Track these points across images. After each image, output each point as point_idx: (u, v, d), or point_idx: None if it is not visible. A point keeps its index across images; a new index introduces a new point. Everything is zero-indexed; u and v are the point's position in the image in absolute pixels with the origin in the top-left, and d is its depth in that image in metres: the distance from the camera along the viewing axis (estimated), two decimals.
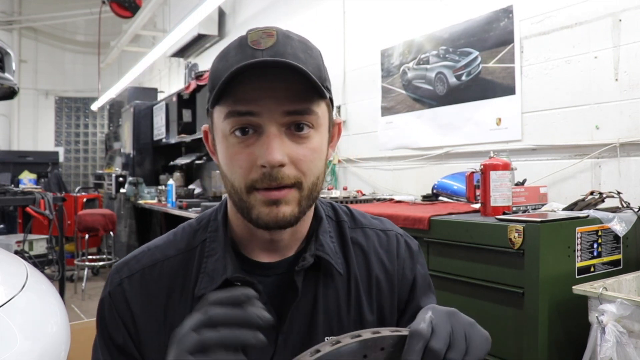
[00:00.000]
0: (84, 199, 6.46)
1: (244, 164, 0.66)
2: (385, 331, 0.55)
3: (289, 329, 0.72)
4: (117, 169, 6.55)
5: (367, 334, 0.54)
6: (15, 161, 7.60)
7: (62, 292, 3.39)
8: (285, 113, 0.65)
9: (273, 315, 0.70)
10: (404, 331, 0.56)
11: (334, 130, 0.77)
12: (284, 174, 0.65)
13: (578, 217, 1.59)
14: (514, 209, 1.80)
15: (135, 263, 0.75)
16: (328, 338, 0.57)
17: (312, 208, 0.77)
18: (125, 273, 0.74)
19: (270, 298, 0.72)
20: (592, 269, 1.58)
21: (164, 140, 5.56)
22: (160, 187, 5.00)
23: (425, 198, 2.51)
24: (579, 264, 1.55)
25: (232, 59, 0.66)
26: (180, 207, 4.03)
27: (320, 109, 0.69)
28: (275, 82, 0.64)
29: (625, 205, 1.75)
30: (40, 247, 3.99)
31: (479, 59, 2.51)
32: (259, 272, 0.73)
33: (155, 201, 5.01)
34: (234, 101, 0.65)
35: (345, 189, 3.08)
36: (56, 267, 3.53)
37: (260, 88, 0.64)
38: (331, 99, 0.73)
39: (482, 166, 1.78)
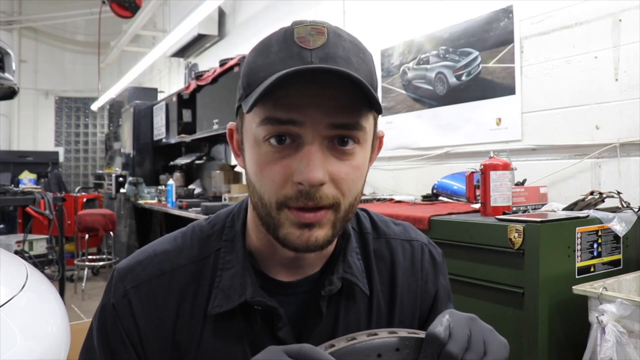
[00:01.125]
0: (84, 199, 6.46)
1: (277, 178, 0.58)
2: (402, 332, 0.54)
3: None
4: (117, 169, 6.55)
5: (383, 333, 0.53)
6: (15, 161, 7.60)
7: (62, 292, 3.39)
8: (332, 126, 0.57)
9: (291, 337, 0.66)
10: (421, 334, 0.54)
11: (376, 143, 0.70)
12: (323, 193, 0.57)
13: (578, 217, 1.59)
14: (514, 209, 1.80)
15: (142, 271, 0.67)
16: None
17: None
18: (130, 283, 0.66)
19: (290, 319, 0.66)
20: (592, 269, 1.58)
21: (164, 140, 5.56)
22: (160, 187, 5.00)
23: (425, 198, 2.51)
24: (579, 264, 1.55)
25: (275, 55, 0.58)
26: (180, 207, 4.03)
27: (368, 123, 0.61)
28: (323, 89, 0.56)
29: (625, 205, 1.75)
30: (40, 247, 3.99)
31: (479, 59, 2.51)
32: (278, 291, 0.67)
33: (155, 201, 5.02)
34: (274, 106, 0.57)
35: None
36: (56, 267, 3.53)
37: (306, 94, 0.56)
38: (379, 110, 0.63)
39: (482, 166, 1.78)
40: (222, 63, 3.88)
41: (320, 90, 0.56)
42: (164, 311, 0.65)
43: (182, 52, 6.06)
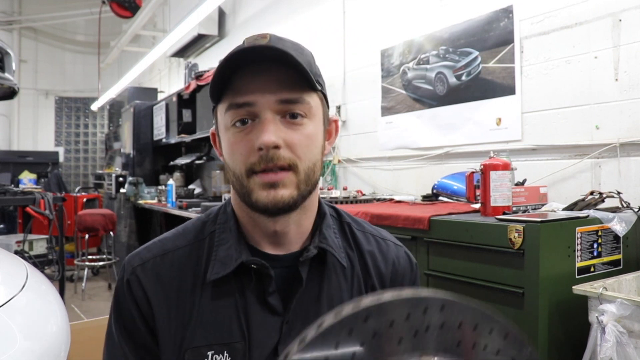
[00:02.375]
0: (84, 199, 6.46)
1: (243, 150, 0.71)
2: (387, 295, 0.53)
3: (294, 319, 0.75)
4: (117, 169, 6.55)
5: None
6: (15, 161, 7.61)
7: (62, 292, 3.39)
8: (279, 101, 0.71)
9: (279, 305, 0.75)
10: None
11: (331, 127, 0.82)
12: (279, 155, 0.70)
13: (578, 217, 1.59)
14: (514, 209, 1.80)
15: (147, 252, 0.78)
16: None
17: (316, 204, 0.82)
18: (137, 262, 0.77)
19: (277, 287, 0.75)
20: (592, 269, 1.58)
21: (164, 140, 5.56)
22: (160, 187, 5.00)
23: (425, 198, 2.51)
24: (579, 264, 1.55)
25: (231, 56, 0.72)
26: (180, 207, 4.03)
27: (313, 99, 0.74)
28: (269, 74, 0.71)
29: (625, 205, 1.75)
30: (40, 247, 3.98)
31: (479, 59, 2.51)
32: (267, 262, 0.75)
33: (155, 201, 5.01)
34: (233, 94, 0.71)
35: (345, 189, 3.08)
36: (56, 267, 3.53)
37: (256, 80, 0.71)
38: (325, 96, 0.78)
39: (482, 166, 1.78)
40: None
41: (267, 76, 0.71)
42: (167, 283, 0.75)
43: (182, 52, 6.06)
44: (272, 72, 0.71)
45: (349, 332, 0.46)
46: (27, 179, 7.15)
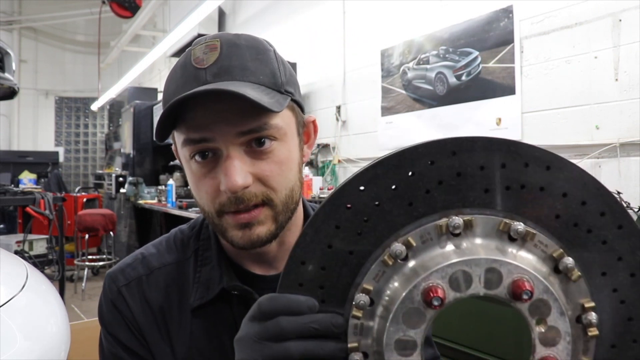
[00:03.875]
0: (84, 199, 6.46)
1: (209, 189, 0.64)
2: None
3: None
4: (117, 169, 6.55)
5: None
6: (15, 161, 7.60)
7: (62, 292, 3.40)
8: (240, 134, 0.61)
9: None
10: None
11: (308, 129, 0.73)
12: (251, 194, 0.62)
13: None
14: None
15: (131, 271, 0.73)
16: None
17: (300, 218, 0.75)
18: (122, 281, 0.73)
19: None
20: None
21: None
22: (160, 187, 5.00)
23: None
24: None
25: (178, 80, 0.64)
26: (180, 207, 4.03)
27: (280, 118, 0.64)
28: (225, 103, 0.60)
29: (625, 205, 1.75)
30: (40, 247, 3.99)
31: (479, 59, 2.51)
32: (254, 283, 0.71)
33: (155, 201, 5.02)
34: (187, 128, 0.62)
35: None
36: (56, 267, 3.53)
37: (210, 112, 0.61)
38: (296, 101, 0.68)
39: None
40: None
41: (222, 105, 0.60)
42: (153, 304, 0.71)
43: (182, 52, 5.97)
44: (227, 100, 0.60)
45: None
46: (27, 179, 7.15)
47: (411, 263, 0.46)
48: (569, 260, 0.45)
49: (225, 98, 0.59)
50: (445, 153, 0.47)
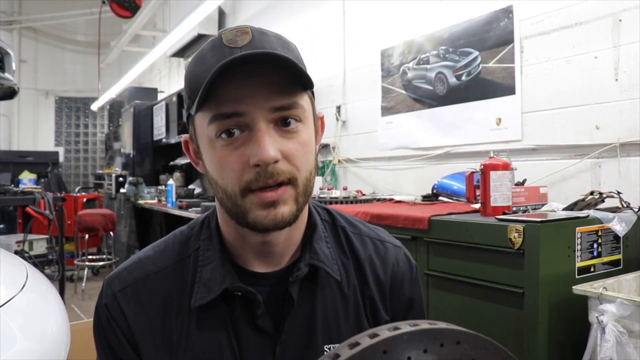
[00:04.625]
0: (84, 199, 6.46)
1: (235, 166, 0.63)
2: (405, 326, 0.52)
3: (287, 339, 0.70)
4: (117, 169, 6.55)
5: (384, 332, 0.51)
6: (15, 161, 7.60)
7: (62, 292, 3.40)
8: (272, 109, 0.63)
9: (270, 325, 0.70)
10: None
11: (318, 124, 0.75)
12: (279, 169, 0.63)
13: (578, 217, 1.59)
14: (514, 209, 1.80)
15: (127, 275, 0.72)
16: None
17: (306, 214, 0.75)
18: (117, 286, 0.71)
19: (268, 308, 0.70)
20: (592, 269, 1.58)
21: (164, 140, 5.56)
22: (160, 187, 5.00)
23: (425, 198, 2.51)
24: (579, 264, 1.55)
25: (210, 61, 0.63)
26: (180, 207, 4.03)
27: (305, 101, 0.67)
28: (258, 78, 0.62)
29: (625, 205, 1.75)
30: (40, 247, 3.98)
31: (479, 59, 2.51)
32: (255, 281, 0.71)
33: (155, 201, 5.01)
34: (218, 104, 0.62)
35: (345, 189, 3.07)
36: (56, 267, 3.53)
37: (243, 86, 0.62)
38: (313, 92, 0.71)
39: (482, 166, 1.78)
40: None
41: (255, 80, 0.62)
42: (151, 309, 0.70)
43: (182, 52, 6.06)
44: (261, 75, 0.62)
45: None
46: (27, 179, 7.14)
47: None
48: None
49: (259, 73, 0.62)
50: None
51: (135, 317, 0.69)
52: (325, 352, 0.71)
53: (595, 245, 1.59)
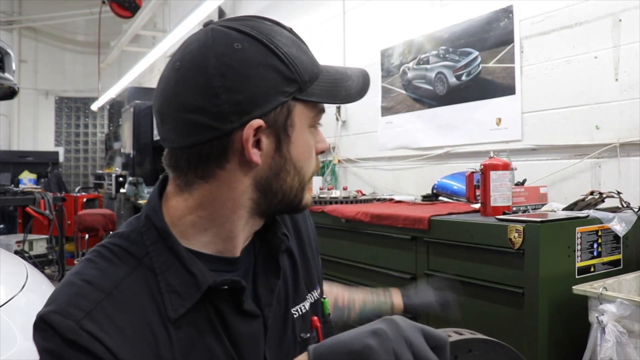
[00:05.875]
0: (84, 199, 6.46)
1: (314, 154, 0.72)
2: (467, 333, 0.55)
3: (272, 315, 0.71)
4: (117, 169, 6.55)
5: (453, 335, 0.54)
6: (15, 161, 7.60)
7: None
8: None
9: (254, 306, 0.69)
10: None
11: None
12: None
13: (578, 217, 1.59)
14: (514, 209, 1.80)
15: (84, 300, 0.59)
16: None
17: None
18: (79, 314, 0.57)
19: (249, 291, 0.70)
20: (592, 269, 1.58)
21: None
22: None
23: (425, 198, 2.51)
24: (579, 264, 1.55)
25: (309, 53, 0.70)
26: None
27: None
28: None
29: (625, 205, 1.75)
30: (40, 247, 3.98)
31: (479, 59, 2.51)
32: (225, 267, 0.68)
33: None
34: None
35: (345, 189, 3.07)
36: (56, 267, 3.53)
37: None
38: None
39: (482, 166, 1.78)
40: None
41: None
42: (129, 327, 0.60)
43: None
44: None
45: None
46: (27, 179, 7.14)
47: None
48: None
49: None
50: None
51: (116, 342, 0.58)
52: (294, 316, 0.75)
53: (595, 245, 1.59)
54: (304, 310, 0.78)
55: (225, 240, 0.68)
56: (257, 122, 0.63)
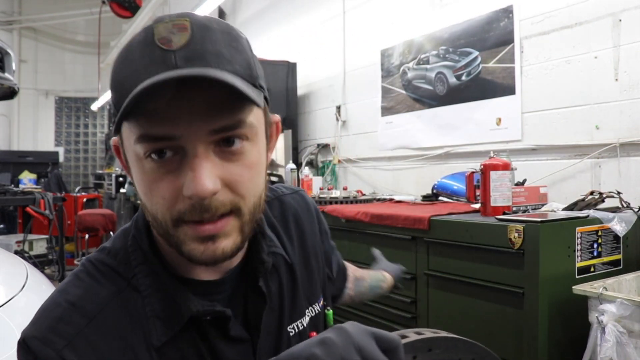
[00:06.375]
0: (84, 199, 6.46)
1: (166, 194, 0.54)
2: (428, 332, 0.55)
3: (263, 339, 0.67)
4: (117, 169, 6.55)
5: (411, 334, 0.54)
6: (15, 161, 7.59)
7: None
8: (212, 132, 0.52)
9: (243, 331, 0.65)
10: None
11: (272, 130, 0.65)
12: (219, 202, 0.54)
13: (578, 217, 1.59)
14: (514, 209, 1.80)
15: (65, 326, 0.56)
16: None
17: None
18: (60, 343, 0.55)
19: (235, 313, 0.64)
20: (592, 269, 1.58)
21: None
22: None
23: (425, 198, 2.51)
24: (579, 264, 1.55)
25: (138, 62, 0.52)
26: None
27: (254, 115, 0.57)
28: (195, 93, 0.51)
29: (625, 205, 1.75)
30: (40, 247, 3.98)
31: (479, 59, 2.51)
32: (213, 291, 0.64)
33: None
34: (147, 121, 0.52)
35: (345, 189, 3.07)
36: (56, 267, 3.53)
37: (177, 103, 0.51)
38: (266, 98, 0.60)
39: (482, 166, 1.78)
40: None
41: (192, 94, 0.51)
42: (109, 354, 0.57)
43: None
44: (199, 90, 0.51)
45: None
46: (27, 179, 7.14)
47: None
48: None
49: (198, 88, 0.51)
50: None
51: None
52: (290, 334, 0.71)
53: (595, 245, 1.59)
54: (301, 328, 0.73)
55: (188, 264, 0.63)
56: (114, 139, 0.63)
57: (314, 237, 0.81)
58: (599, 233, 1.61)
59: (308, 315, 0.75)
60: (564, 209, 1.79)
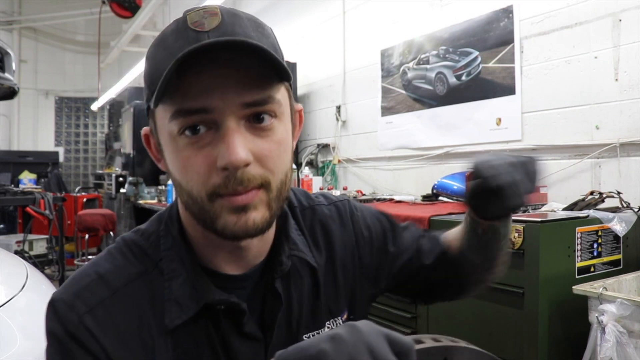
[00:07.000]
0: (84, 199, 6.46)
1: (201, 169, 0.57)
2: (446, 340, 0.53)
3: (277, 341, 0.67)
4: (117, 169, 6.55)
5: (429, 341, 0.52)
6: (15, 161, 7.59)
7: None
8: (244, 105, 0.56)
9: (257, 329, 0.66)
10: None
11: (296, 118, 0.67)
12: (250, 174, 0.56)
13: (578, 217, 1.59)
14: None
15: (90, 295, 0.61)
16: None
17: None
18: (82, 309, 0.59)
19: (251, 310, 0.66)
20: (592, 269, 1.58)
21: None
22: (160, 187, 5.00)
23: (425, 198, 2.51)
24: (579, 264, 1.55)
25: (172, 46, 0.56)
26: None
27: (282, 94, 0.60)
28: (228, 69, 0.55)
29: (625, 205, 1.75)
30: (40, 247, 3.99)
31: (479, 59, 2.51)
32: (232, 285, 0.65)
33: (155, 201, 5.01)
34: (182, 97, 0.55)
35: (345, 189, 3.08)
36: (56, 267, 3.53)
37: (211, 77, 0.55)
38: (290, 83, 0.63)
39: None
40: None
41: (224, 71, 0.55)
42: (126, 329, 0.61)
43: None
44: (231, 65, 0.55)
45: None
46: (27, 179, 7.14)
47: None
48: None
49: (230, 64, 0.54)
50: None
51: (112, 342, 0.59)
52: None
53: (595, 245, 1.59)
54: None
55: (211, 254, 0.66)
56: (145, 129, 0.68)
57: (345, 250, 0.78)
58: (599, 233, 1.61)
59: (328, 327, 0.74)
60: (564, 209, 1.79)
